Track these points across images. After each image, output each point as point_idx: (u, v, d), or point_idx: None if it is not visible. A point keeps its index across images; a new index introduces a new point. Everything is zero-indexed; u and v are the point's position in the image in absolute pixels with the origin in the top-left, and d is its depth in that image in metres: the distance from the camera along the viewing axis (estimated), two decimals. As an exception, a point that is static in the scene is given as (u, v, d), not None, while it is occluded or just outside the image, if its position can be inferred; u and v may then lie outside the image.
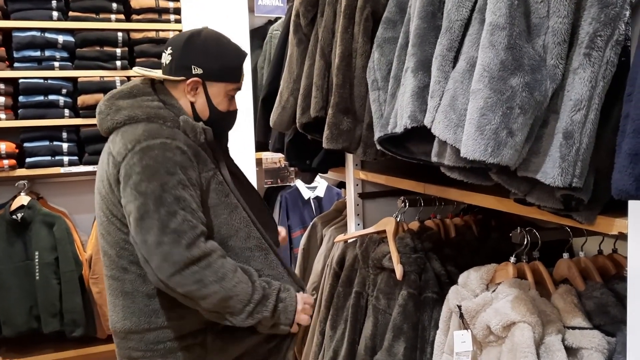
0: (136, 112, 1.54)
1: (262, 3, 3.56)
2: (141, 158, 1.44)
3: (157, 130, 1.50)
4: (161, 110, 1.56)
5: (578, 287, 1.22)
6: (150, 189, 1.43)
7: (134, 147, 1.46)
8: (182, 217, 1.43)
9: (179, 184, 1.45)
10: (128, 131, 1.51)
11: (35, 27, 3.03)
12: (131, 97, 1.59)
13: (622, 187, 0.67)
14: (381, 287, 1.63)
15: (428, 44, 1.10)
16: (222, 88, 1.63)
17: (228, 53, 1.66)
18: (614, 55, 0.87)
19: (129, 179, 1.45)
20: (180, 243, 1.41)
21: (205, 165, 1.56)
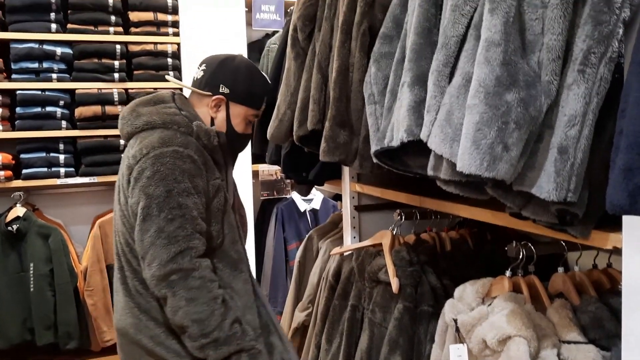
0: (154, 118, 1.65)
1: (260, 17, 3.59)
2: (153, 163, 1.55)
3: (171, 138, 1.60)
4: (176, 116, 1.67)
5: (573, 301, 1.23)
6: (156, 193, 1.53)
7: (148, 153, 1.57)
8: (179, 224, 1.53)
9: (184, 191, 1.55)
10: (145, 137, 1.62)
11: (33, 38, 3.04)
12: (151, 105, 1.71)
13: (617, 201, 0.68)
14: (377, 300, 1.63)
15: (424, 59, 1.11)
16: (242, 111, 1.79)
17: (255, 81, 1.82)
18: (608, 72, 0.89)
19: (139, 181, 1.56)
20: (170, 249, 1.51)
21: (214, 173, 1.67)
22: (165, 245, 1.51)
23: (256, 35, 3.77)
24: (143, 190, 1.54)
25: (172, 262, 1.51)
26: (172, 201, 1.53)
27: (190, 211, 1.55)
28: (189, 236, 1.54)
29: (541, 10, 0.93)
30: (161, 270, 1.50)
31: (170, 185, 1.53)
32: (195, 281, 1.52)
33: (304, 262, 2.47)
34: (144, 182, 1.54)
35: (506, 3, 0.92)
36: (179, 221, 1.53)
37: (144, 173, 1.55)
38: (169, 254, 1.50)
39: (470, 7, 1.01)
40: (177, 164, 1.55)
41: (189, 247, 1.53)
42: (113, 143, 3.22)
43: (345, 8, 1.50)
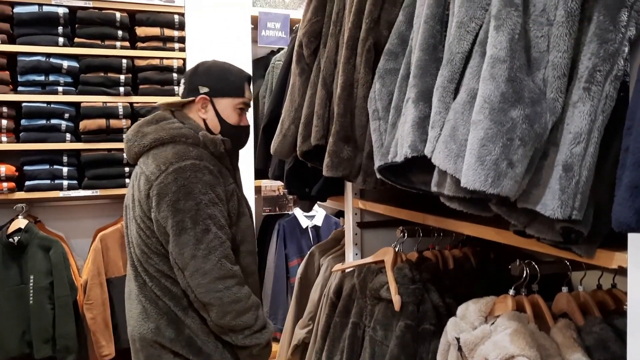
0: (161, 134, 1.73)
1: (265, 34, 3.61)
2: (175, 179, 1.64)
3: (184, 152, 1.69)
4: (182, 129, 1.75)
5: (577, 321, 1.21)
6: (186, 207, 1.63)
7: (167, 168, 1.65)
8: (214, 234, 1.65)
9: (210, 202, 1.65)
10: (158, 153, 1.70)
11: (40, 52, 3.07)
12: (154, 123, 1.78)
13: (623, 219, 0.67)
14: (378, 318, 1.61)
15: (429, 75, 1.12)
16: (229, 102, 1.85)
17: (230, 72, 1.89)
18: (613, 90, 0.89)
19: (165, 196, 1.64)
20: (211, 259, 1.63)
21: (227, 179, 1.78)
22: (206, 256, 1.62)
23: (261, 52, 3.79)
24: (173, 206, 1.63)
25: (214, 272, 1.63)
26: (203, 213, 1.63)
27: (219, 220, 1.66)
28: (224, 244, 1.67)
29: (547, 27, 0.93)
30: (206, 278, 1.63)
31: (197, 198, 1.63)
32: (235, 286, 1.68)
33: (305, 278, 2.46)
34: (171, 197, 1.63)
35: (512, 20, 0.92)
36: (213, 231, 1.64)
37: (169, 188, 1.63)
38: (211, 264, 1.63)
39: (475, 24, 1.01)
40: (198, 176, 1.65)
41: (226, 254, 1.67)
42: (116, 156, 3.22)
43: (351, 25, 1.51)
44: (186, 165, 1.65)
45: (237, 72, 1.90)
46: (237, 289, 1.69)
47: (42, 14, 3.07)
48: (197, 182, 1.64)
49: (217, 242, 1.65)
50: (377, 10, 1.46)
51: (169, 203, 1.63)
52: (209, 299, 1.66)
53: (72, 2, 3.14)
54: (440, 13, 1.13)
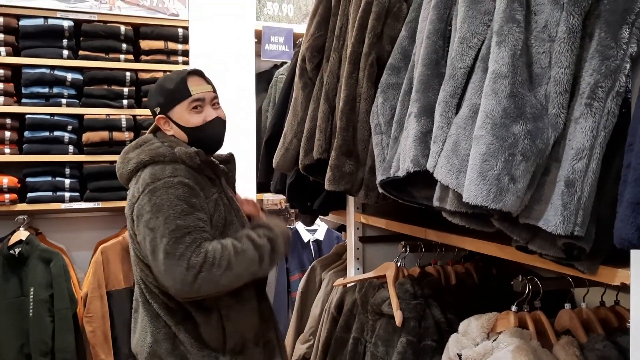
0: (142, 157, 1.74)
1: (269, 48, 3.63)
2: (149, 199, 1.65)
3: (160, 171, 1.69)
4: (160, 149, 1.75)
5: (580, 338, 1.20)
6: (157, 224, 1.61)
7: (144, 190, 1.67)
8: (181, 241, 1.60)
9: (181, 213, 1.63)
10: (140, 175, 1.72)
11: (45, 64, 3.09)
12: (138, 147, 1.80)
13: (625, 236, 0.67)
14: (380, 333, 1.60)
15: (431, 90, 1.12)
16: (180, 109, 1.81)
17: (165, 81, 1.85)
18: (615, 106, 0.89)
19: (141, 217, 1.65)
20: (181, 265, 1.58)
21: (209, 190, 1.76)
22: (177, 264, 1.58)
23: (265, 65, 3.81)
24: (146, 226, 1.63)
25: (188, 274, 1.57)
26: (171, 225, 1.60)
27: (189, 227, 1.62)
28: (192, 244, 1.61)
29: (548, 44, 0.93)
30: (186, 285, 1.58)
31: (166, 212, 1.62)
32: (215, 258, 1.61)
33: (306, 293, 2.45)
34: (145, 218, 1.64)
35: (513, 36, 0.92)
36: (180, 240, 1.60)
37: (144, 209, 1.65)
38: (182, 270, 1.58)
39: (477, 40, 1.02)
40: (170, 192, 1.64)
41: (192, 255, 1.59)
42: (119, 169, 3.23)
43: (354, 39, 1.52)
44: (159, 185, 1.65)
45: (175, 75, 1.83)
46: (219, 257, 1.61)
47: (48, 27, 3.10)
48: (167, 198, 1.63)
49: (183, 248, 1.59)
50: (379, 25, 1.47)
51: (144, 224, 1.64)
52: (207, 292, 1.62)
53: (77, 15, 3.16)
54: (443, 29, 1.14)
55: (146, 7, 3.30)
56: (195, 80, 1.83)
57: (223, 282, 1.63)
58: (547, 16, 0.93)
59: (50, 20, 3.10)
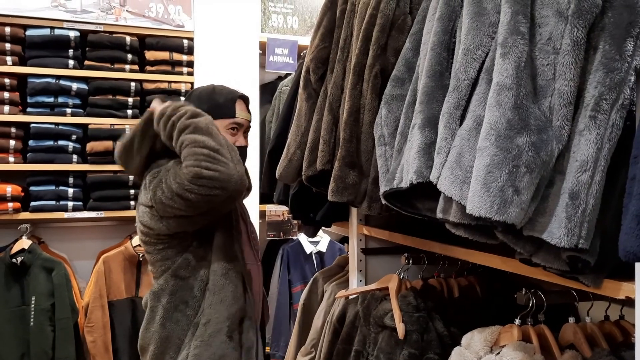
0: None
1: (273, 59, 3.65)
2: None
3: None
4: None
5: (584, 353, 1.19)
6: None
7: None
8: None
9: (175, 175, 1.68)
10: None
11: (50, 74, 3.11)
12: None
13: (630, 248, 0.66)
14: (382, 346, 1.59)
15: (435, 101, 1.12)
16: (218, 124, 1.82)
17: (217, 94, 1.91)
18: (620, 118, 0.89)
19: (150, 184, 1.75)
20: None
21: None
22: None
23: (269, 77, 3.83)
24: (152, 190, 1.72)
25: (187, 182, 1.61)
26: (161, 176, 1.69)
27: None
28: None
29: (553, 56, 0.93)
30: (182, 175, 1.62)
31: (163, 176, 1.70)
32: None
33: (308, 304, 2.43)
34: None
35: (518, 48, 0.93)
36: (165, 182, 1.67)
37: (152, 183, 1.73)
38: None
39: (482, 52, 1.02)
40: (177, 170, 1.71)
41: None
42: (122, 178, 3.23)
43: (358, 51, 1.52)
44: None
45: (226, 92, 1.91)
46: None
47: (54, 37, 3.12)
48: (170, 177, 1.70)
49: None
50: (384, 37, 1.48)
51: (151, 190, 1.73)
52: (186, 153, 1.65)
53: (83, 25, 3.19)
54: (447, 40, 1.14)
55: (152, 19, 3.32)
56: (242, 105, 1.93)
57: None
58: (552, 28, 0.94)
59: (57, 30, 3.13)
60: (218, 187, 1.59)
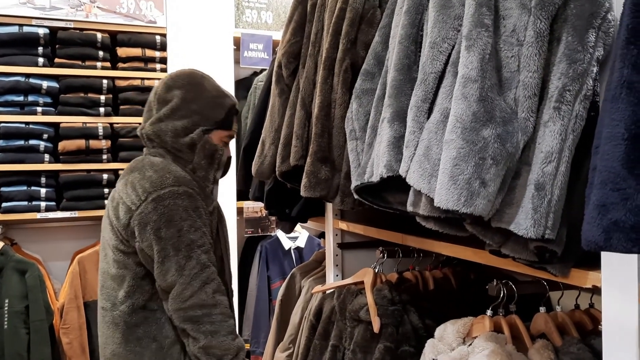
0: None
1: (248, 55, 3.63)
2: (155, 207, 1.65)
3: (162, 179, 1.71)
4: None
5: (555, 342, 1.21)
6: (168, 235, 1.63)
7: (147, 198, 1.66)
8: (196, 260, 1.65)
9: (191, 227, 1.66)
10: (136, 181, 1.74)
11: (20, 72, 3.05)
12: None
13: (591, 238, 0.67)
14: (358, 340, 1.59)
15: (404, 95, 1.12)
16: (216, 135, 1.83)
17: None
18: (583, 109, 0.89)
19: (147, 225, 1.64)
20: (193, 285, 1.63)
21: (209, 199, 1.80)
22: (188, 283, 1.63)
23: (244, 73, 3.80)
24: (154, 234, 1.63)
25: (194, 298, 1.63)
26: (185, 239, 1.64)
27: (200, 246, 1.67)
28: (206, 269, 1.66)
29: (517, 48, 0.94)
30: (185, 304, 1.62)
31: (178, 224, 1.64)
32: (216, 316, 1.65)
33: (286, 300, 2.43)
34: (152, 226, 1.64)
35: (482, 41, 0.93)
36: (194, 257, 1.64)
37: (150, 217, 1.64)
38: (192, 290, 1.63)
39: (448, 45, 1.02)
40: (177, 202, 1.66)
41: (208, 280, 1.66)
42: (96, 177, 3.19)
43: (328, 45, 1.52)
44: (165, 194, 1.66)
45: (227, 104, 1.88)
46: (218, 319, 1.66)
47: (22, 35, 3.06)
48: (177, 209, 1.65)
49: (198, 268, 1.65)
50: (353, 31, 1.47)
51: (150, 232, 1.64)
52: (184, 326, 1.65)
53: (52, 22, 3.13)
54: (415, 34, 1.14)
55: (123, 15, 3.27)
56: (235, 119, 1.93)
57: (208, 330, 1.65)
58: (516, 20, 0.94)
59: (26, 27, 3.07)
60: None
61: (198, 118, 1.79)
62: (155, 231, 1.64)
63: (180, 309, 1.64)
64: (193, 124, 1.78)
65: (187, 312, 1.63)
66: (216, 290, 1.68)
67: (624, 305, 0.89)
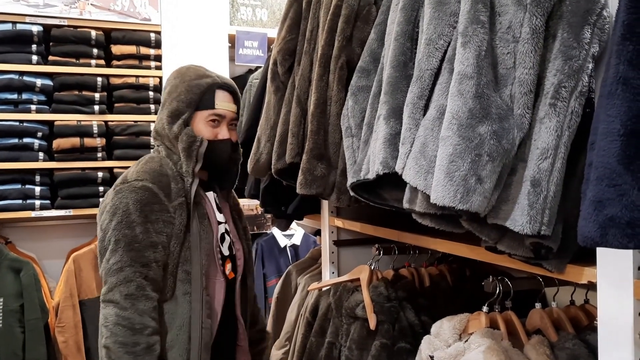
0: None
1: (243, 52, 3.62)
2: (112, 199, 1.65)
3: (131, 173, 1.68)
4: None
5: (550, 338, 1.21)
6: (106, 226, 1.62)
7: (113, 189, 1.67)
8: (119, 257, 1.58)
9: (132, 222, 1.59)
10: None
11: (13, 70, 3.03)
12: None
13: (587, 234, 0.67)
14: (354, 337, 1.59)
15: (400, 92, 1.12)
16: (198, 116, 1.76)
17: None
18: (578, 105, 0.90)
19: (101, 214, 1.66)
20: (107, 281, 1.59)
21: (180, 193, 1.68)
22: (109, 276, 1.58)
23: (239, 70, 3.79)
24: (101, 226, 1.64)
25: (109, 293, 1.57)
26: (119, 233, 1.58)
27: (135, 242, 1.58)
28: (127, 268, 1.57)
29: (513, 44, 0.94)
30: (104, 296, 1.58)
31: (119, 217, 1.59)
32: (123, 320, 1.54)
33: (282, 298, 2.43)
34: (103, 218, 1.64)
35: (478, 37, 0.93)
36: (119, 254, 1.58)
37: (104, 207, 1.66)
38: (109, 285, 1.57)
39: (444, 41, 1.02)
40: (130, 196, 1.61)
41: (124, 281, 1.56)
42: (90, 175, 3.17)
43: (324, 42, 1.52)
44: (124, 187, 1.64)
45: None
46: (125, 324, 1.53)
47: (16, 32, 3.04)
48: (125, 202, 1.60)
49: (115, 266, 1.57)
50: (349, 28, 1.47)
51: (99, 220, 1.67)
52: (102, 313, 1.59)
53: (46, 20, 3.11)
54: (410, 30, 1.14)
55: (117, 12, 3.26)
56: (224, 95, 1.81)
57: (111, 331, 1.53)
58: (511, 17, 0.94)
59: (19, 25, 3.05)
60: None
61: (176, 105, 1.73)
62: (102, 222, 1.64)
63: (101, 299, 1.59)
64: (175, 115, 1.73)
65: (104, 304, 1.57)
66: (130, 294, 1.55)
67: (619, 301, 0.90)
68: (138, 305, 1.55)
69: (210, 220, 1.76)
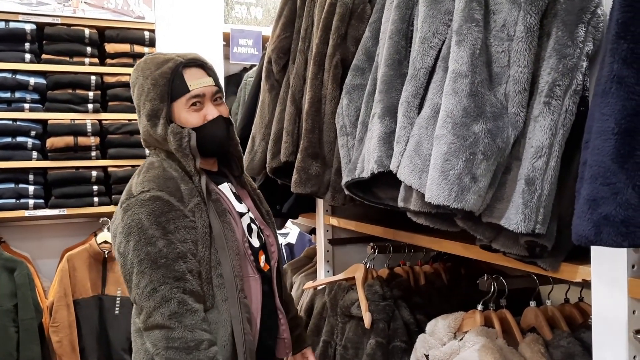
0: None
1: (238, 51, 3.61)
2: (122, 218, 1.47)
3: (134, 185, 1.51)
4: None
5: (545, 336, 1.21)
6: (126, 250, 1.45)
7: (120, 207, 1.50)
8: (149, 278, 1.42)
9: (151, 238, 1.43)
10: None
11: (6, 68, 3.01)
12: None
13: (582, 232, 0.67)
14: (349, 336, 1.59)
15: (394, 90, 1.12)
16: (176, 107, 1.54)
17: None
18: (573, 104, 0.90)
19: (115, 238, 1.50)
20: (144, 307, 1.43)
21: (193, 194, 1.51)
22: (144, 301, 1.43)
23: (234, 69, 3.78)
24: (118, 250, 1.49)
25: (150, 319, 1.42)
26: (140, 253, 1.43)
27: (160, 258, 1.43)
28: (162, 287, 1.42)
29: (507, 43, 0.94)
30: (145, 324, 1.43)
31: (136, 237, 1.44)
32: (174, 342, 1.40)
33: (277, 297, 2.42)
34: (118, 241, 1.48)
35: (472, 35, 0.93)
36: (148, 275, 1.43)
37: (117, 229, 1.49)
38: (147, 310, 1.42)
39: (438, 40, 1.02)
40: (141, 211, 1.46)
41: (162, 301, 1.42)
42: (84, 174, 3.16)
43: (318, 41, 1.51)
44: (131, 202, 1.48)
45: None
46: (177, 344, 1.40)
47: (9, 30, 3.02)
48: (138, 219, 1.45)
49: (151, 287, 1.42)
50: (344, 26, 1.47)
51: (116, 247, 1.50)
52: (147, 346, 1.46)
53: (39, 18, 3.09)
54: (405, 29, 1.14)
55: (111, 10, 3.24)
56: (195, 72, 1.57)
57: (164, 356, 1.40)
58: (506, 15, 0.94)
59: (12, 23, 3.03)
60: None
61: (150, 106, 1.54)
62: (118, 245, 1.49)
63: (143, 328, 1.45)
64: (153, 115, 1.54)
65: (147, 332, 1.43)
66: (173, 313, 1.42)
67: (613, 298, 0.90)
68: (185, 322, 1.41)
69: (232, 215, 1.58)
